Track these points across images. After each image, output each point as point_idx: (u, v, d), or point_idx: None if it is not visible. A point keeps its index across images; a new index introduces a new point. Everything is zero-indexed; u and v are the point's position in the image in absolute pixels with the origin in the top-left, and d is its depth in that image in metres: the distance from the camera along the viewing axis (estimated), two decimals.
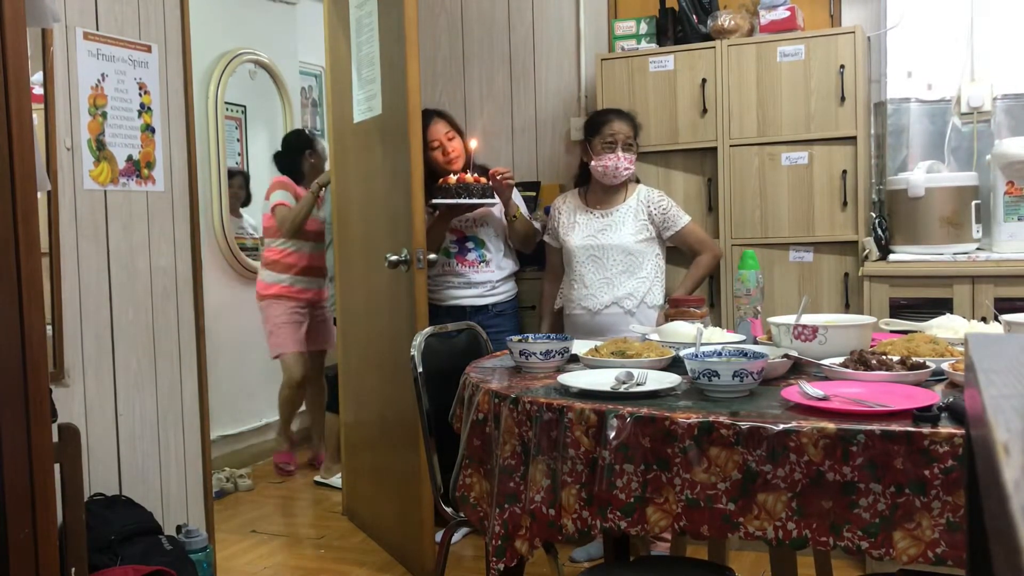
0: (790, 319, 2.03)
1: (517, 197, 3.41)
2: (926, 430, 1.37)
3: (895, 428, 1.39)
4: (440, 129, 3.37)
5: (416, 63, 2.95)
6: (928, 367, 1.70)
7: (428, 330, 2.45)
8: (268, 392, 4.61)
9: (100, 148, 2.71)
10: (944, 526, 1.37)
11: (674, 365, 1.92)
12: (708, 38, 3.36)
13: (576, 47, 3.87)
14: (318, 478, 4.39)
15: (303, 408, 4.69)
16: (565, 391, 1.73)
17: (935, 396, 1.51)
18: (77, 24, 2.64)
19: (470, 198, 3.23)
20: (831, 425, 1.42)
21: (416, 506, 3.08)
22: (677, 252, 3.29)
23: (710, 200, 3.38)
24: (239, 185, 4.96)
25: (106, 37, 2.73)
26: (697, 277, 3.19)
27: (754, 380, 1.64)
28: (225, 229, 4.70)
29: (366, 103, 3.40)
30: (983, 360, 0.67)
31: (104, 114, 2.73)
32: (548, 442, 1.64)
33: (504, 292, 3.44)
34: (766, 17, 3.29)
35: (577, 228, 3.22)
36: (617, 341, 2.07)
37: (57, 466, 1.94)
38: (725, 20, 3.31)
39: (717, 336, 2.11)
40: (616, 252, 3.14)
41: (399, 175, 3.08)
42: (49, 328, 2.49)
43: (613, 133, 3.12)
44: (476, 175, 3.25)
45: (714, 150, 3.33)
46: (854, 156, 3.15)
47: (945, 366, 1.73)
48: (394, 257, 3.04)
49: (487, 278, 3.40)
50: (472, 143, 3.42)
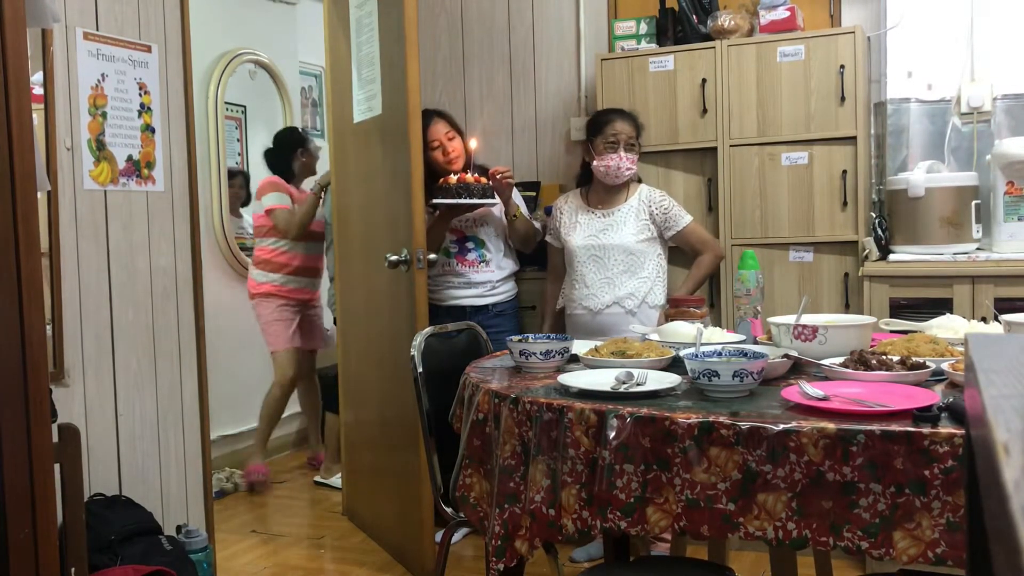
0: (790, 319, 2.03)
1: (517, 197, 3.41)
2: (926, 430, 1.37)
3: (895, 428, 1.39)
4: (440, 129, 3.37)
5: (416, 63, 2.95)
6: (928, 367, 1.70)
7: (428, 330, 2.45)
8: None
9: (100, 148, 2.71)
10: (944, 526, 1.37)
11: (674, 365, 1.92)
12: (708, 38, 3.36)
13: (576, 47, 3.87)
14: (318, 478, 4.39)
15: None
16: (565, 391, 1.73)
17: (935, 396, 1.51)
18: (77, 24, 2.64)
19: (470, 198, 3.23)
20: (831, 425, 1.42)
21: (416, 506, 3.08)
22: (679, 252, 3.29)
23: (710, 200, 3.38)
24: (239, 185, 4.96)
25: (106, 37, 2.73)
26: (699, 277, 3.19)
27: (754, 380, 1.64)
28: (225, 229, 4.70)
29: (366, 103, 3.40)
30: (983, 360, 0.67)
31: (104, 114, 2.73)
32: (548, 442, 1.64)
33: (504, 292, 3.44)
34: (766, 17, 3.29)
35: (579, 228, 3.21)
36: (617, 341, 2.07)
37: (57, 466, 1.94)
38: (725, 20, 3.31)
39: (717, 336, 2.11)
40: (617, 252, 3.14)
41: (399, 175, 3.08)
42: (49, 328, 2.49)
43: (616, 133, 3.12)
44: (476, 175, 3.25)
45: (714, 150, 3.33)
46: (854, 156, 3.15)
47: (945, 366, 1.73)
48: (394, 257, 3.04)
49: (487, 278, 3.40)
50: (472, 143, 3.42)
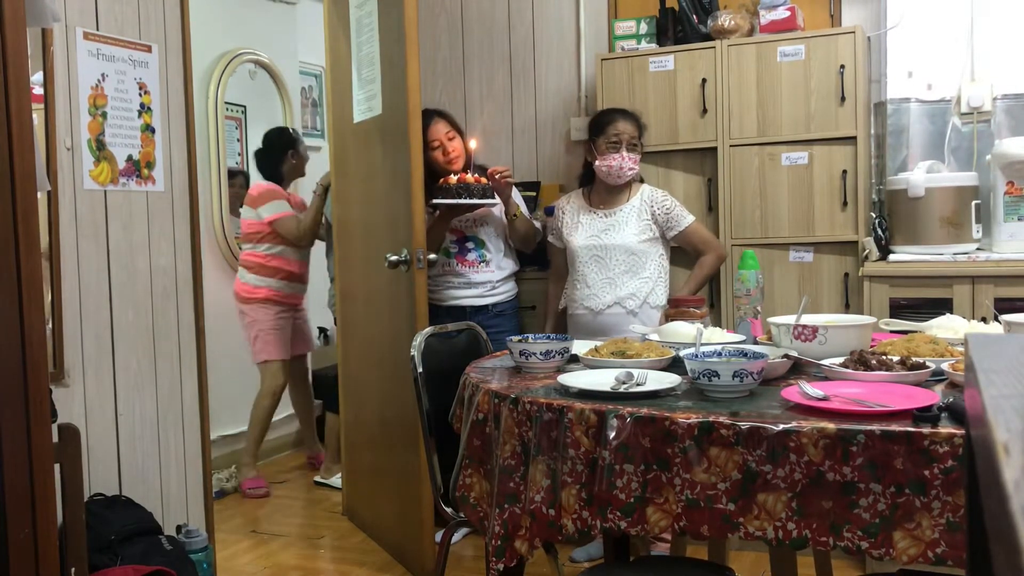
0: (790, 319, 2.03)
1: (517, 196, 3.41)
2: (926, 430, 1.37)
3: (895, 428, 1.39)
4: (440, 129, 3.37)
5: (416, 63, 2.95)
6: (928, 367, 1.70)
7: (428, 330, 2.45)
8: None
9: (100, 148, 2.71)
10: (944, 526, 1.37)
11: (674, 365, 1.92)
12: (708, 38, 3.36)
13: (576, 47, 3.87)
14: (318, 478, 4.39)
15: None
16: (565, 391, 1.73)
17: (935, 396, 1.51)
18: (77, 24, 2.63)
19: (470, 198, 3.23)
20: (831, 425, 1.42)
21: (416, 506, 3.08)
22: (680, 252, 3.30)
23: (710, 200, 3.38)
24: (239, 185, 4.95)
25: (106, 37, 2.73)
26: (701, 277, 3.19)
27: (754, 380, 1.64)
28: (225, 229, 4.70)
29: (366, 103, 3.40)
30: (983, 360, 0.67)
31: (104, 114, 2.73)
32: (548, 442, 1.64)
33: (504, 292, 3.44)
34: (766, 17, 3.29)
35: (580, 228, 3.21)
36: (617, 341, 2.07)
37: (57, 466, 1.94)
38: (725, 20, 3.31)
39: (717, 336, 2.11)
40: (619, 252, 3.14)
41: (399, 175, 3.08)
42: (49, 328, 2.49)
43: (618, 133, 3.12)
44: (476, 175, 3.25)
45: (714, 150, 3.33)
46: (854, 156, 3.15)
47: (945, 366, 1.73)
48: (394, 257, 3.04)
49: (487, 278, 3.40)
50: (472, 143, 3.42)
